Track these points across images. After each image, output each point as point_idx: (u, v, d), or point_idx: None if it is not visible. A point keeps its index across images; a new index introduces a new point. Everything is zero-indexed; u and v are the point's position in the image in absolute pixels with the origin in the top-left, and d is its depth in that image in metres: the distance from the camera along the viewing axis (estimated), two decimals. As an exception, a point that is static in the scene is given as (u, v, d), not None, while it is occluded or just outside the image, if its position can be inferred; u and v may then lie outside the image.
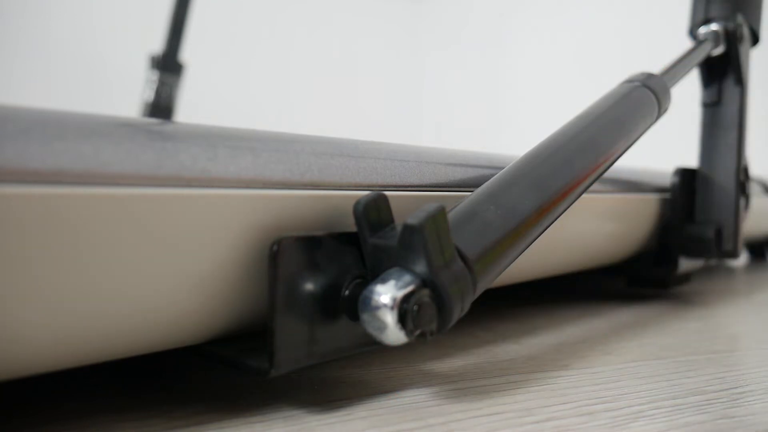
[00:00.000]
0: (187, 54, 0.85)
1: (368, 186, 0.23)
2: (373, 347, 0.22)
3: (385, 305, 0.19)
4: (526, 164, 0.26)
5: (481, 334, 0.33)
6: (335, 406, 0.22)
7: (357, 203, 0.20)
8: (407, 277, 0.19)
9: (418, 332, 0.19)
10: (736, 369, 0.27)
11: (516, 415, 0.21)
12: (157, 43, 0.85)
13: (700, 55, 0.41)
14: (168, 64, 0.82)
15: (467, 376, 0.26)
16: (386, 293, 0.19)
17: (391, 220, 0.21)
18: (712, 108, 0.46)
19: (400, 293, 0.19)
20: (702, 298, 0.48)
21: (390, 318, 0.19)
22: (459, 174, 0.28)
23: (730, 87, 0.45)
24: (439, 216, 0.19)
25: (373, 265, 0.20)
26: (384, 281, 0.19)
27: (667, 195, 0.44)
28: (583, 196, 0.28)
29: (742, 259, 0.78)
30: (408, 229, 0.19)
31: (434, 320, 0.20)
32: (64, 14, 1.27)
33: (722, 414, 0.22)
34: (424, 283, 0.19)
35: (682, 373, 0.27)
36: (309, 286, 0.20)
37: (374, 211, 0.20)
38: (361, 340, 0.21)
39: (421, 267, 0.19)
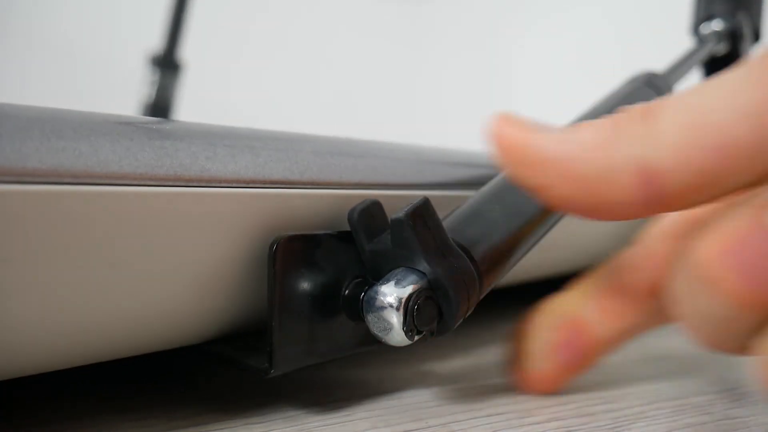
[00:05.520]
0: (185, 53, 0.85)
1: (368, 185, 0.23)
2: (373, 347, 0.22)
3: (390, 305, 0.18)
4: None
5: (482, 334, 0.32)
6: (335, 406, 0.21)
7: (351, 212, 0.20)
8: (411, 277, 0.19)
9: (424, 332, 0.19)
10: (738, 369, 0.27)
11: (516, 416, 0.21)
12: (155, 42, 0.84)
13: (703, 53, 0.41)
14: (166, 63, 0.82)
15: (467, 376, 0.25)
16: (391, 294, 0.19)
17: (387, 226, 0.21)
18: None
19: (405, 293, 0.19)
20: (702, 298, 0.48)
21: (395, 318, 0.18)
22: (460, 173, 0.28)
23: None
24: (423, 207, 0.19)
25: (374, 272, 0.20)
26: (388, 281, 0.19)
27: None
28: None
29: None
30: (396, 224, 0.19)
31: (440, 319, 0.20)
32: (64, 13, 1.27)
33: (724, 415, 0.22)
34: (429, 282, 0.19)
35: (684, 373, 0.27)
36: (309, 285, 0.20)
37: (369, 218, 0.20)
38: (361, 340, 0.21)
39: (422, 265, 0.19)
